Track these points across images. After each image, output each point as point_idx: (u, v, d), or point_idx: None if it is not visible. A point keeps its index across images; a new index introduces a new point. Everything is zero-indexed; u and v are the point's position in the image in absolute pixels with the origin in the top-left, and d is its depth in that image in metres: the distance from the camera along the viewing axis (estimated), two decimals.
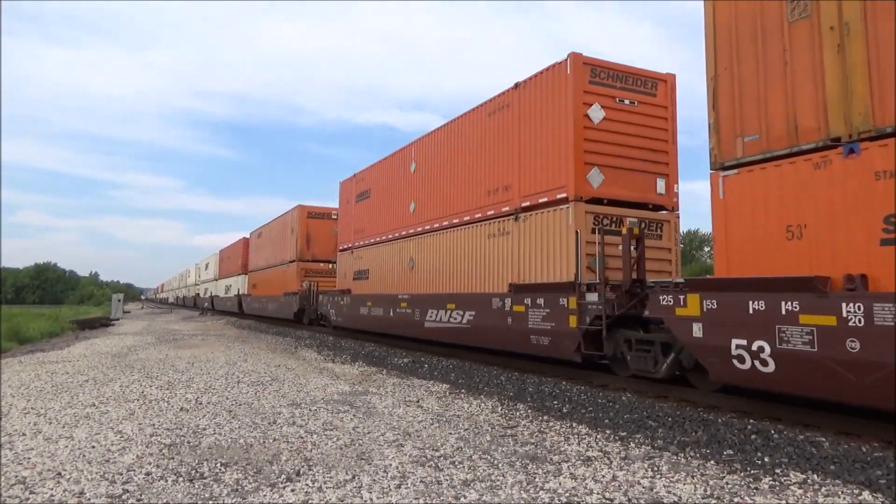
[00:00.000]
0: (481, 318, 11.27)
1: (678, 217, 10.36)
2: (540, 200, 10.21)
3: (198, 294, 53.84)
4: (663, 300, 7.24)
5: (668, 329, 7.43)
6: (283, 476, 4.79)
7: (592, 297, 8.80)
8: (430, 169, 14.42)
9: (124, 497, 4.33)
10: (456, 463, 5.18)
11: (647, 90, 10.21)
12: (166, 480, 4.70)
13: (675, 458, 5.37)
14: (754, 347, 6.11)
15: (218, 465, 5.09)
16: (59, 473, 4.88)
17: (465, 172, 12.70)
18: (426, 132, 14.90)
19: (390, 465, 5.11)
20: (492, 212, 11.59)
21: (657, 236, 9.91)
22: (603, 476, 4.81)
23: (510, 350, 10.81)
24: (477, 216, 12.06)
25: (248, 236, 36.38)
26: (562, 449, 5.66)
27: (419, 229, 14.60)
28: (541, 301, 9.71)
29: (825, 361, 5.51)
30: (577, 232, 9.26)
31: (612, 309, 8.49)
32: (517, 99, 11.04)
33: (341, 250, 20.65)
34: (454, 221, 12.94)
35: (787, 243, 6.08)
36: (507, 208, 11.10)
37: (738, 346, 6.28)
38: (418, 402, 8.11)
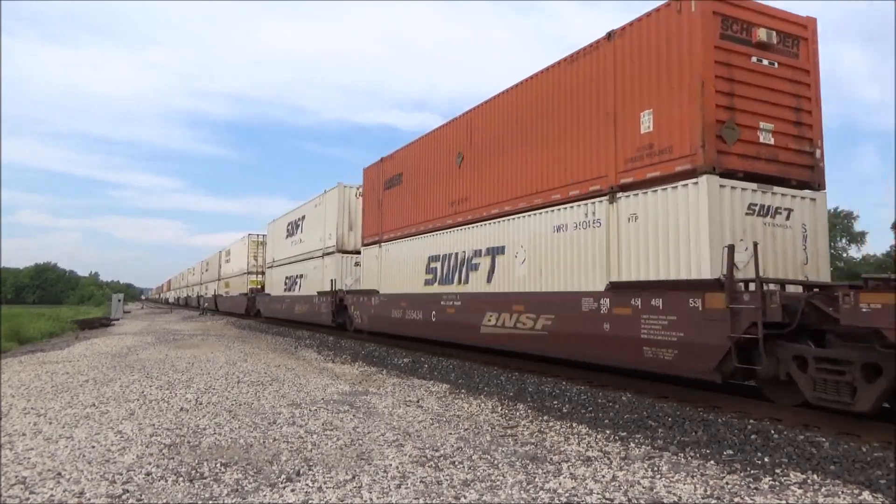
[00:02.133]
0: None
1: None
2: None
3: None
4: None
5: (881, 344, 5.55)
6: (283, 476, 4.79)
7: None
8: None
9: (124, 497, 4.33)
10: (456, 463, 5.18)
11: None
12: (166, 480, 4.70)
13: (675, 458, 5.37)
14: None
15: (218, 465, 5.10)
16: (59, 473, 4.88)
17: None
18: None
19: (390, 465, 5.11)
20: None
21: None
22: (603, 476, 4.81)
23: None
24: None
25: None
26: (562, 449, 5.66)
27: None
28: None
29: None
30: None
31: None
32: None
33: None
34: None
35: None
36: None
37: None
38: (418, 402, 8.11)
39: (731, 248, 6.74)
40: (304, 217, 24.58)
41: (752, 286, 6.69)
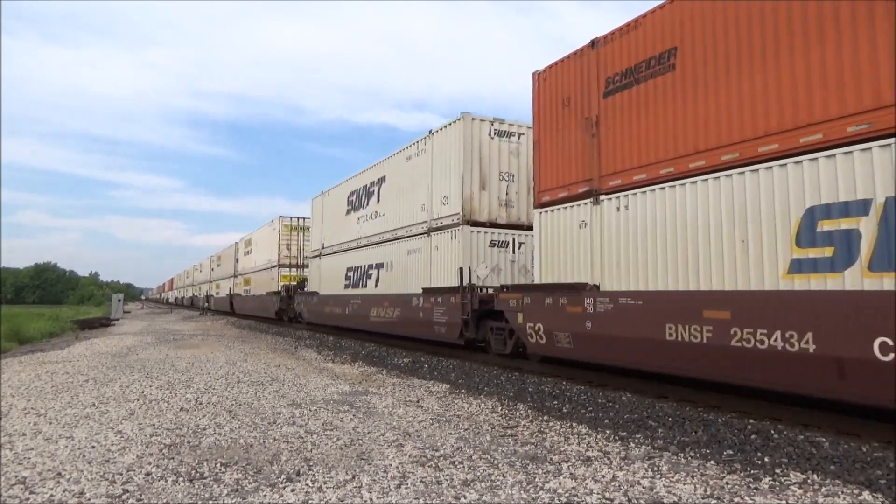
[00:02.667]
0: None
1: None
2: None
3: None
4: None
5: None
6: (283, 476, 4.79)
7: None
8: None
9: (124, 497, 4.33)
10: (456, 463, 5.18)
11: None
12: (166, 480, 4.70)
13: (675, 458, 5.37)
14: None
15: (218, 465, 5.10)
16: (59, 473, 4.88)
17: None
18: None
19: (390, 465, 5.11)
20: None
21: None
22: (603, 476, 4.80)
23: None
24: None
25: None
26: (562, 449, 5.66)
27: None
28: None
29: None
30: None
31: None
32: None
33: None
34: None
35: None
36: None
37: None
38: (418, 402, 8.11)
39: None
40: (381, 180, 16.92)
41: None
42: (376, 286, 16.58)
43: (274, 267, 28.37)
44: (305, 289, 24.38)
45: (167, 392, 8.77)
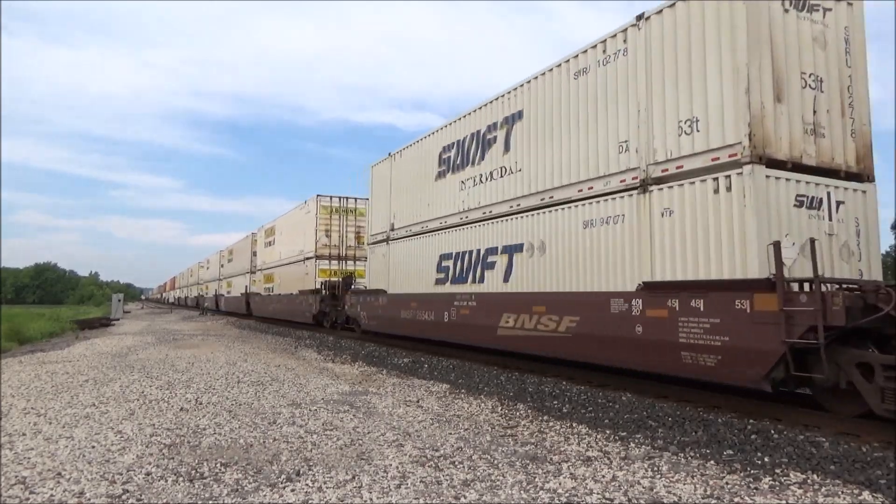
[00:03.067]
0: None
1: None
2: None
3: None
4: None
5: None
6: (283, 476, 4.79)
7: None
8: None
9: (124, 497, 4.33)
10: (456, 463, 5.18)
11: None
12: (166, 480, 4.70)
13: (675, 458, 5.37)
14: None
15: (218, 465, 5.09)
16: (59, 473, 4.88)
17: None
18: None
19: (390, 465, 5.11)
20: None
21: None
22: (603, 476, 4.80)
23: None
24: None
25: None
26: (562, 449, 5.66)
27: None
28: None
29: None
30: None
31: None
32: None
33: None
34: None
35: None
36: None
37: None
38: (418, 402, 8.11)
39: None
40: (514, 118, 11.21)
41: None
42: (506, 280, 10.99)
43: (309, 259, 23.09)
44: (354, 285, 20.25)
45: (167, 392, 8.77)
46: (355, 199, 23.66)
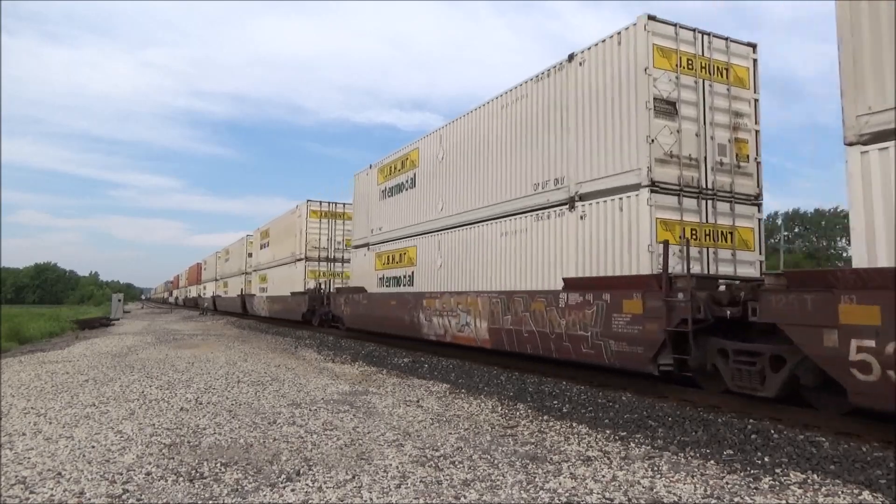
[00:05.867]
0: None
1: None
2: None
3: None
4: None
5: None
6: (283, 476, 4.79)
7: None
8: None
9: (124, 497, 4.32)
10: (456, 463, 5.18)
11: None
12: (166, 480, 4.70)
13: (675, 457, 5.37)
14: None
15: (218, 464, 5.09)
16: (59, 473, 4.87)
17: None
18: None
19: (390, 464, 5.11)
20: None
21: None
22: (603, 476, 4.80)
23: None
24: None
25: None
26: (562, 449, 5.66)
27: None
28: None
29: None
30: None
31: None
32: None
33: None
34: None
35: None
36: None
37: None
38: (418, 401, 8.11)
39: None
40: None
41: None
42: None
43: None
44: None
45: (167, 392, 8.77)
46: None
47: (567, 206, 9.73)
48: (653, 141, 8.45)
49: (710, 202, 8.84)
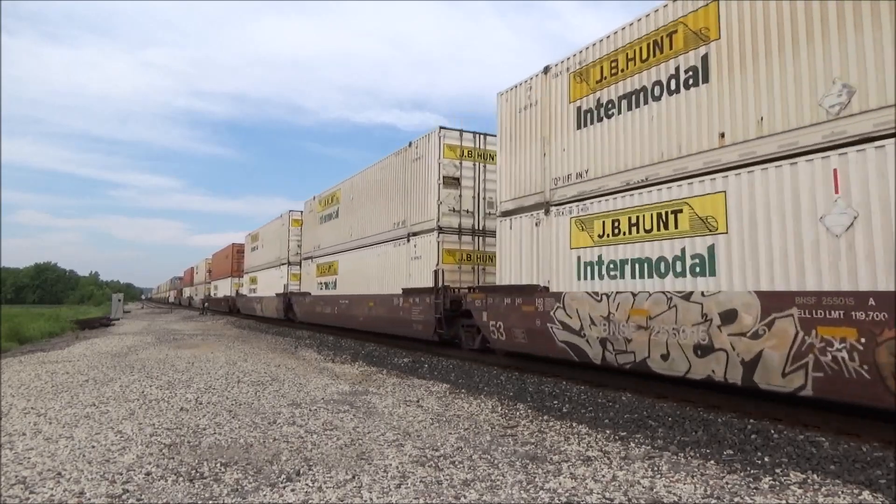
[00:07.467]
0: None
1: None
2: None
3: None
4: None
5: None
6: (283, 476, 4.79)
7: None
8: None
9: (124, 497, 4.33)
10: (456, 463, 5.18)
11: None
12: (166, 480, 4.70)
13: (675, 457, 5.37)
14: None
15: (218, 464, 5.09)
16: (59, 473, 4.88)
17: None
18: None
19: (390, 464, 5.11)
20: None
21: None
22: (603, 476, 4.81)
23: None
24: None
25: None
26: (562, 449, 5.66)
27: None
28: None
29: None
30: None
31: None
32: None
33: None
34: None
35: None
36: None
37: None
38: (418, 401, 8.11)
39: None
40: None
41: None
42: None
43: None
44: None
45: (167, 392, 8.77)
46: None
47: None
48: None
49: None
